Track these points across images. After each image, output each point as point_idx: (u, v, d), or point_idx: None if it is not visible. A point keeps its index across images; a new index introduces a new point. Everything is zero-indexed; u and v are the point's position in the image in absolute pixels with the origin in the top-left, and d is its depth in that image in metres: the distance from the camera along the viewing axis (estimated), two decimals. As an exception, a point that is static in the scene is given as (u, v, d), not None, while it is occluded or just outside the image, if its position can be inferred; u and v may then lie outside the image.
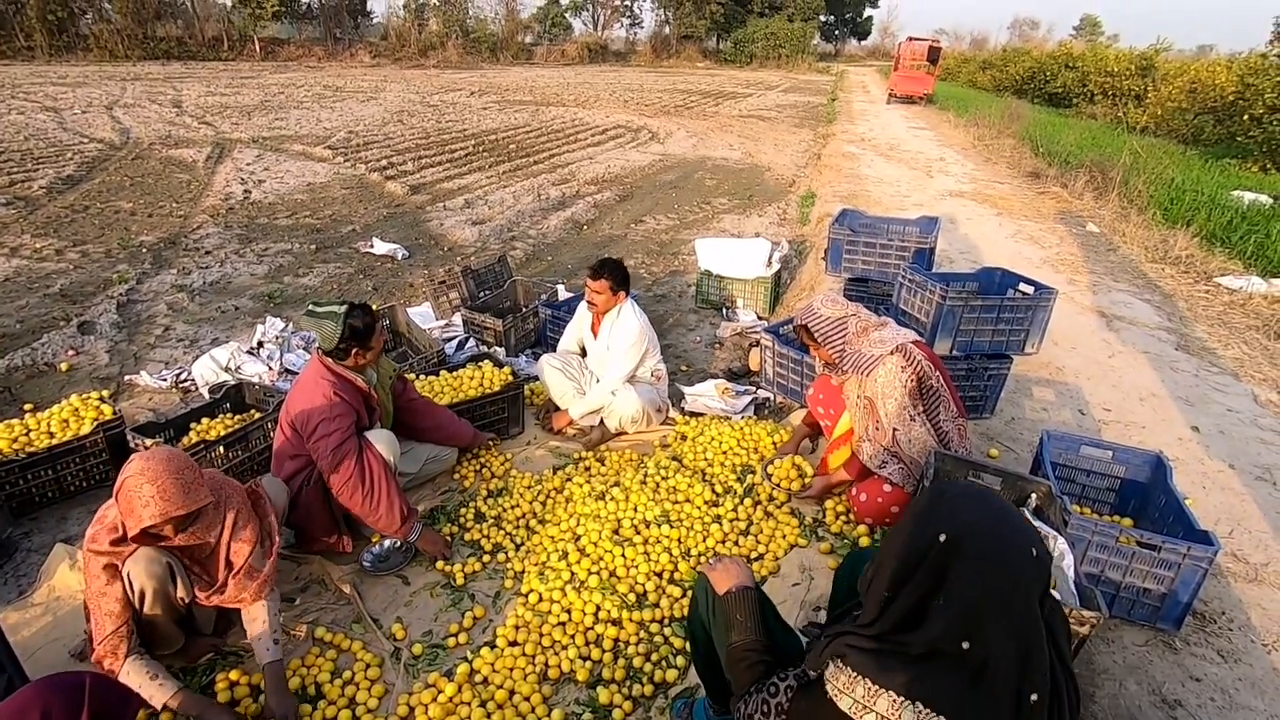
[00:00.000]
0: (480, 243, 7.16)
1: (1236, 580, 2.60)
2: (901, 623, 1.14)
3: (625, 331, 3.52)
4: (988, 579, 1.08)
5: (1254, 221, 7.89)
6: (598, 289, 3.46)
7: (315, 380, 2.63)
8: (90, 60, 29.96)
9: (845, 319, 2.76)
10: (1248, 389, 4.23)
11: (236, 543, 2.10)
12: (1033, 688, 1.09)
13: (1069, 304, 5.44)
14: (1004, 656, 1.07)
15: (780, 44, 48.61)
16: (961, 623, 1.08)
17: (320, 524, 2.71)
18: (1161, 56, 22.28)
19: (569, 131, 14.78)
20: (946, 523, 1.13)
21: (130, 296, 5.33)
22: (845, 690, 1.16)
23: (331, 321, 2.58)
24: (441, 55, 39.90)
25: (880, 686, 1.12)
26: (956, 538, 1.10)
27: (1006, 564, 1.09)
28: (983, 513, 1.14)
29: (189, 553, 2.04)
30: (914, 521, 1.18)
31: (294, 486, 2.66)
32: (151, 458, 1.83)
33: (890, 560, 1.18)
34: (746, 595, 1.63)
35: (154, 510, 1.79)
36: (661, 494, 3.04)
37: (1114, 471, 2.81)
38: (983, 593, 1.08)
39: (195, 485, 1.87)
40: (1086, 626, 1.89)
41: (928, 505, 1.19)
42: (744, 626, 1.57)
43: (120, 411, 3.30)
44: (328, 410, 2.57)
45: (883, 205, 8.58)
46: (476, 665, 2.28)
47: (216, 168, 10.04)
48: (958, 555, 1.10)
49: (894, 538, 1.21)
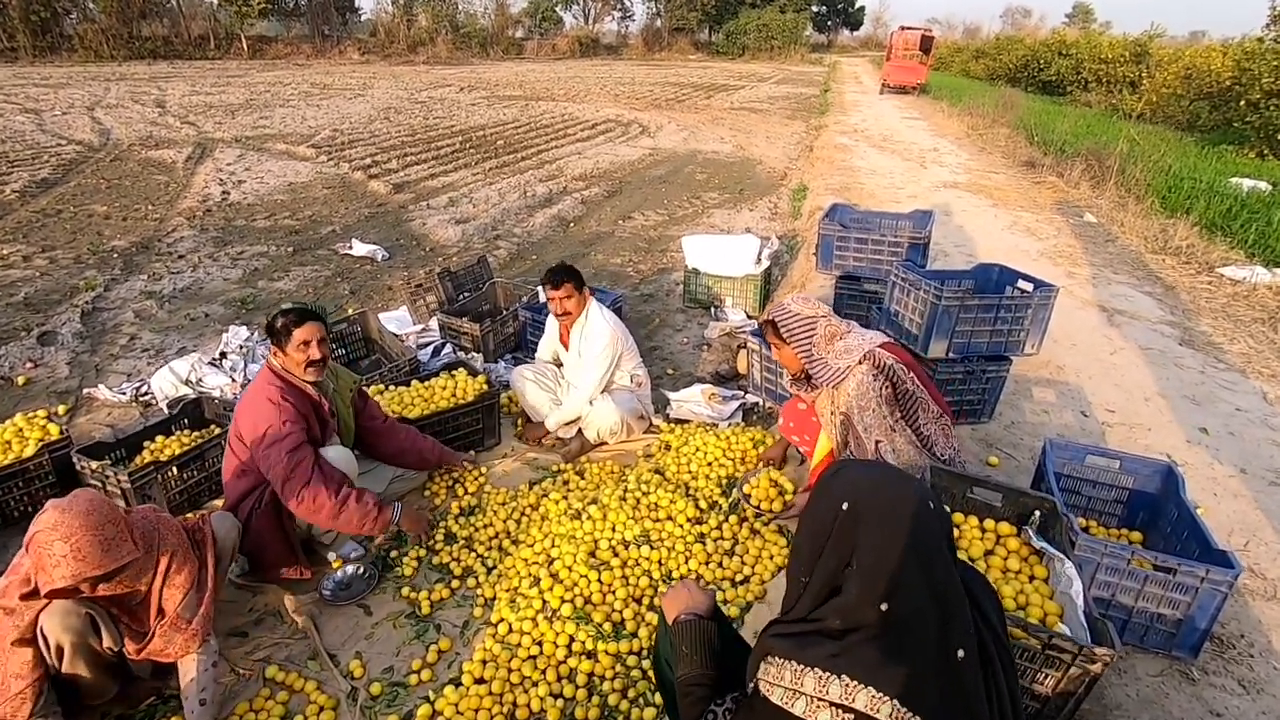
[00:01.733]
0: (463, 242, 6.96)
1: (1255, 598, 2.44)
2: (819, 599, 1.13)
3: (595, 336, 3.34)
4: (894, 537, 1.08)
5: (1254, 209, 7.73)
6: (562, 296, 3.29)
7: (262, 386, 2.46)
8: (75, 61, 29.54)
9: (815, 319, 2.62)
10: (1256, 386, 4.07)
11: (169, 589, 1.92)
12: (959, 644, 1.08)
13: (1068, 298, 5.27)
14: (925, 614, 1.06)
15: (772, 35, 48.26)
16: (875, 583, 1.07)
17: (275, 552, 2.53)
18: (1155, 43, 22.09)
19: (558, 126, 14.56)
20: (846, 491, 1.14)
21: (96, 304, 5.13)
22: (776, 681, 1.11)
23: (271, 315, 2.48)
24: (431, 51, 39.51)
25: (804, 665, 1.08)
26: (855, 503, 1.12)
27: (909, 516, 1.10)
28: (877, 476, 1.17)
29: (116, 601, 1.86)
30: (816, 500, 1.19)
31: (244, 510, 2.48)
32: (67, 509, 1.64)
33: (802, 544, 1.18)
34: (691, 626, 1.50)
35: (65, 571, 1.61)
36: (642, 511, 2.87)
37: (1122, 482, 2.64)
38: (892, 550, 1.08)
39: (116, 541, 1.69)
40: (1099, 665, 1.72)
41: (826, 482, 1.20)
42: (689, 659, 1.45)
43: (68, 431, 3.11)
44: (275, 415, 2.39)
45: (876, 198, 8.40)
46: (439, 706, 2.11)
47: (196, 169, 9.81)
48: (860, 520, 1.11)
49: (802, 523, 1.21)
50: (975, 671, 1.09)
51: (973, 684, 1.09)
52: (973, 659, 1.09)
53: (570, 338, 3.46)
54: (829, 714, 1.04)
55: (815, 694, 1.05)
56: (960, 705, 1.06)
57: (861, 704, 1.02)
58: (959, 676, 1.07)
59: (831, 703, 1.04)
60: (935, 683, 1.05)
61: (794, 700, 1.08)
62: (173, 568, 1.92)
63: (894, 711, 1.01)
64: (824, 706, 1.05)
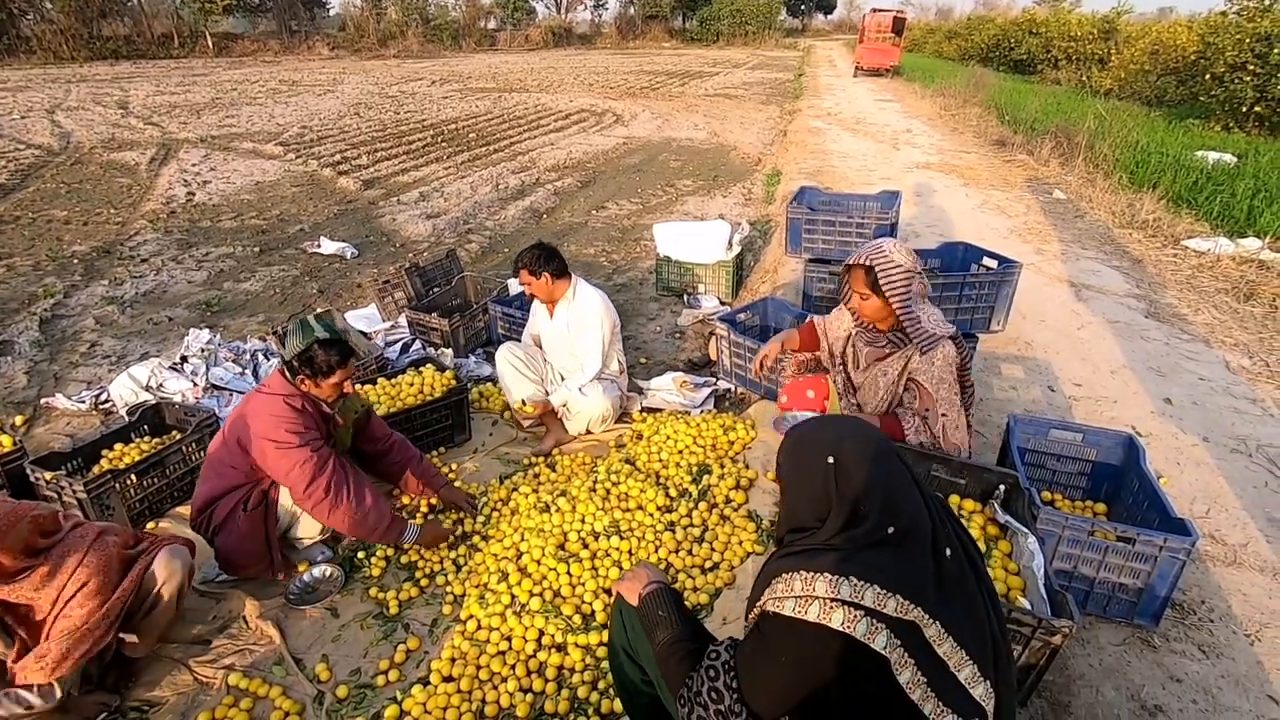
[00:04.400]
0: (434, 237, 6.88)
1: (1215, 564, 2.47)
2: (845, 527, 1.20)
3: (587, 308, 3.31)
4: (880, 469, 1.21)
5: (1219, 181, 7.82)
6: (525, 280, 3.29)
7: (282, 393, 2.43)
8: (34, 63, 28.75)
9: (913, 274, 2.33)
10: (1219, 356, 4.12)
11: (62, 618, 1.87)
12: (947, 544, 1.22)
13: (1037, 275, 5.31)
14: (921, 525, 1.20)
15: (746, 21, 48.12)
16: (885, 511, 1.18)
17: (251, 551, 2.49)
18: (1123, 19, 22.22)
19: (531, 118, 14.42)
20: (825, 449, 1.25)
21: (55, 312, 5.02)
22: (785, 594, 1.18)
23: (299, 337, 2.39)
24: (402, 45, 38.93)
25: (814, 572, 1.16)
26: (838, 454, 1.23)
27: (884, 452, 1.24)
28: (835, 427, 1.30)
29: (10, 610, 1.82)
30: (798, 468, 1.28)
31: (223, 509, 2.44)
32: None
33: (801, 505, 1.27)
34: (659, 592, 1.55)
35: None
36: (612, 501, 2.85)
37: (1085, 455, 2.66)
38: (887, 480, 1.20)
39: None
40: (1059, 637, 1.73)
41: (795, 449, 1.31)
42: (668, 621, 1.49)
43: (22, 442, 3.03)
44: (298, 421, 2.38)
45: (849, 181, 8.40)
46: (406, 706, 2.09)
47: (160, 170, 9.61)
48: (847, 466, 1.21)
49: (792, 493, 1.30)
50: (962, 566, 1.24)
51: (961, 576, 1.23)
52: (958, 555, 1.24)
53: (557, 311, 3.42)
54: (841, 613, 1.13)
55: (827, 595, 1.14)
56: (958, 594, 1.21)
57: (870, 600, 1.12)
58: (950, 571, 1.21)
59: (843, 601, 1.13)
60: (933, 579, 1.18)
61: (807, 606, 1.15)
62: (76, 598, 1.87)
63: (899, 605, 1.12)
64: (836, 606, 1.13)
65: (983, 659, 1.18)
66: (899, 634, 1.12)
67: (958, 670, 1.15)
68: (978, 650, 1.18)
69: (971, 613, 1.21)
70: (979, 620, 1.22)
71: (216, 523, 2.43)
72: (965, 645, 1.16)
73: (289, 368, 2.44)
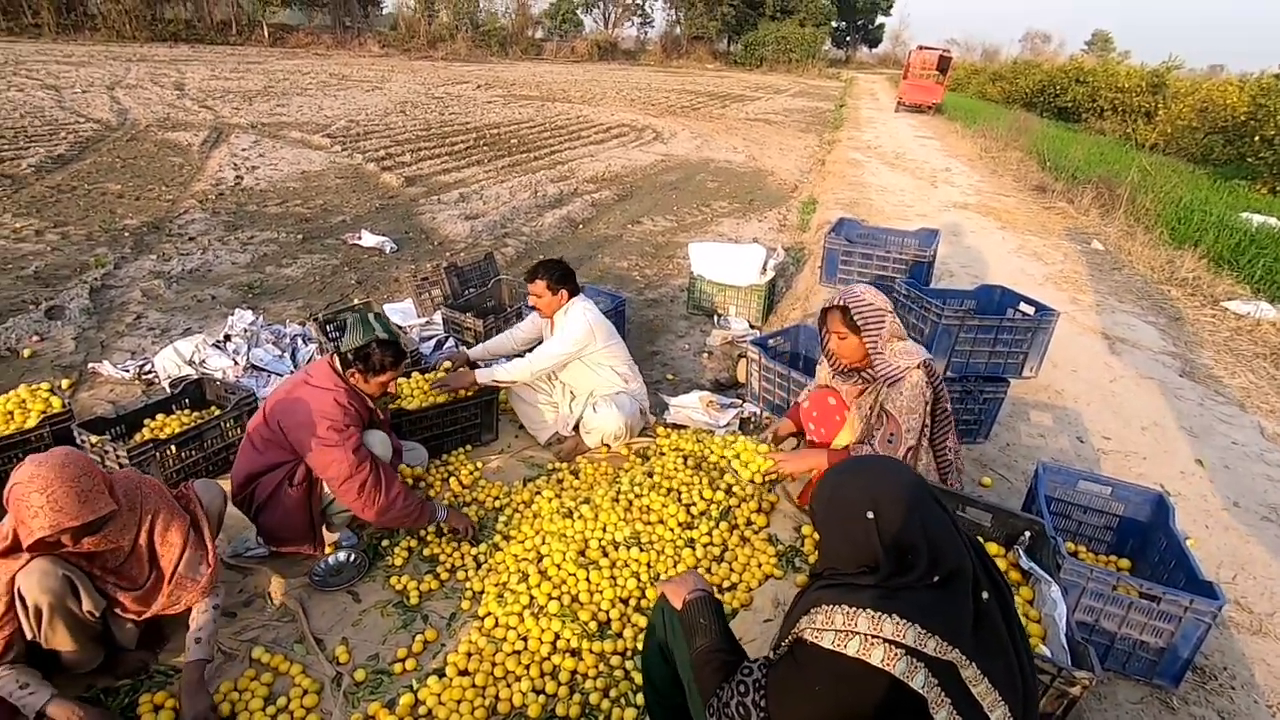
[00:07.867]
0: (472, 238, 6.99)
1: (1240, 631, 2.44)
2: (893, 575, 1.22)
3: (569, 324, 3.38)
4: (920, 516, 1.23)
5: (1262, 244, 7.72)
6: (535, 291, 3.35)
7: (330, 384, 2.50)
8: (98, 40, 29.77)
9: (885, 313, 2.49)
10: (1254, 420, 4.07)
11: (163, 546, 1.95)
12: (984, 588, 1.25)
13: (1071, 324, 5.28)
14: (965, 569, 1.23)
15: (791, 48, 48.38)
16: (933, 559, 1.21)
17: (297, 526, 2.56)
18: (1173, 74, 22.08)
19: (572, 128, 14.62)
20: (863, 503, 1.25)
21: (105, 281, 5.18)
22: (825, 626, 1.20)
23: (360, 333, 2.48)
24: (450, 47, 39.72)
25: (856, 608, 1.18)
26: (877, 507, 1.24)
27: (921, 498, 1.25)
28: (869, 475, 1.31)
29: (99, 560, 1.88)
30: (836, 520, 1.29)
31: (269, 483, 2.51)
32: (43, 463, 1.67)
33: (843, 552, 1.28)
34: (703, 600, 1.59)
35: (44, 522, 1.64)
36: (634, 513, 2.88)
37: (1113, 509, 2.64)
38: (928, 526, 1.22)
39: (93, 493, 1.71)
40: (1077, 688, 1.73)
41: (830, 501, 1.32)
42: (707, 629, 1.53)
43: (70, 405, 3.14)
44: (341, 416, 2.45)
45: (885, 214, 8.41)
46: (422, 696, 2.13)
47: (211, 152, 9.88)
48: (889, 517, 1.23)
49: (831, 541, 1.31)
50: (996, 609, 1.25)
51: (995, 618, 1.25)
52: (993, 600, 1.26)
53: (555, 327, 3.50)
54: (881, 650, 1.15)
55: (869, 631, 1.15)
56: (993, 636, 1.22)
57: (911, 639, 1.14)
58: (987, 613, 1.23)
59: (884, 639, 1.15)
60: (970, 621, 1.20)
61: (847, 641, 1.17)
62: (158, 525, 1.95)
63: (938, 645, 1.14)
64: (877, 643, 1.15)
65: (1014, 701, 1.19)
66: (936, 673, 1.14)
67: (990, 711, 1.16)
68: (1010, 693, 1.19)
69: (1004, 655, 1.22)
70: (1011, 663, 1.23)
71: (260, 499, 2.50)
72: (999, 687, 1.18)
73: (343, 360, 2.52)
